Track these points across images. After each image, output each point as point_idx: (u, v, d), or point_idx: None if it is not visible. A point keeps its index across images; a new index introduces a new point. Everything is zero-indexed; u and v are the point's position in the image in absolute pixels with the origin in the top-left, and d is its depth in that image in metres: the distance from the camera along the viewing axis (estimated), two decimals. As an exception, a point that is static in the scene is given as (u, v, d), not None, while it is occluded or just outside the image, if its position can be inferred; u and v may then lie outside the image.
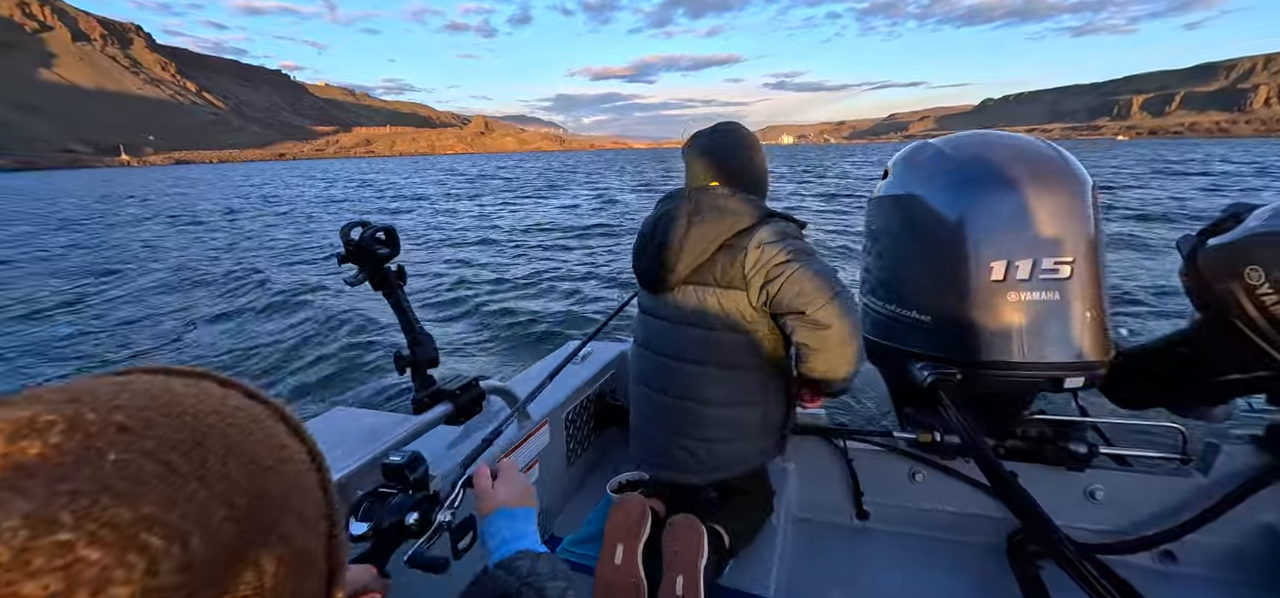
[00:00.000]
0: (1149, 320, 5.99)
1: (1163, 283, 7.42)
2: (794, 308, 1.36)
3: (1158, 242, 10.34)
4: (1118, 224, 13.17)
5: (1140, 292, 7.08)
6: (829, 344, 1.36)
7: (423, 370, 1.28)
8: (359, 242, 1.17)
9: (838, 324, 1.34)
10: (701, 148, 1.56)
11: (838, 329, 1.34)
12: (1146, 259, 8.95)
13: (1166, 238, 10.79)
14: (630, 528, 1.38)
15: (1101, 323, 1.47)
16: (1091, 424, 1.67)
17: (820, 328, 1.34)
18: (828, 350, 1.37)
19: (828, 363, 1.39)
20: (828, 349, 1.37)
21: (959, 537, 1.72)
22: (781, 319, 1.41)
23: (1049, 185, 1.46)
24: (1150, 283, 7.49)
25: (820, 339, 1.36)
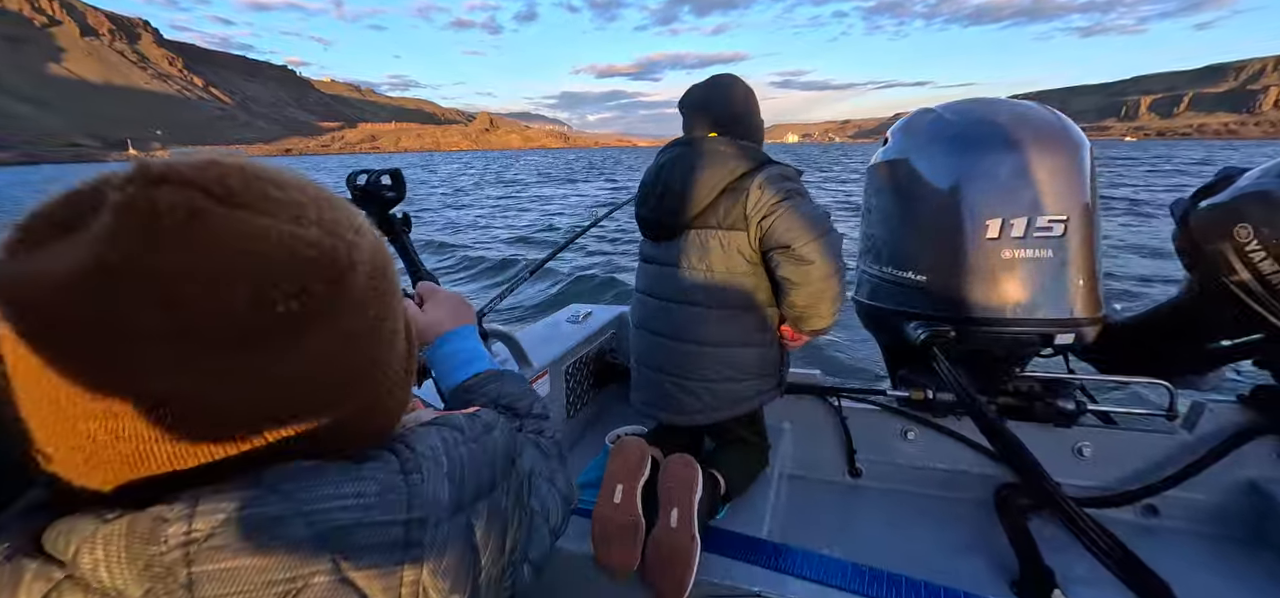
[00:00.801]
0: (1143, 297, 6.13)
1: (1157, 265, 7.44)
2: (781, 242, 1.40)
3: (1155, 216, 10.32)
4: (1119, 212, 13.27)
5: (1135, 270, 7.13)
6: (810, 280, 1.40)
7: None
8: (364, 187, 1.19)
9: (820, 262, 1.38)
10: (698, 99, 1.60)
11: (820, 266, 1.39)
12: (1143, 237, 9.00)
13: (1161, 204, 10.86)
14: (630, 469, 1.42)
15: (1093, 282, 1.50)
16: (1079, 383, 1.70)
17: (803, 264, 1.39)
18: (808, 286, 1.41)
19: (807, 298, 1.43)
20: (809, 284, 1.41)
21: (949, 493, 1.77)
22: (768, 253, 1.46)
23: (1046, 147, 1.49)
24: (1145, 261, 7.56)
25: (802, 274, 1.40)
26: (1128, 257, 8.72)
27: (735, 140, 1.52)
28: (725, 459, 1.60)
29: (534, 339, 1.82)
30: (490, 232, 14.32)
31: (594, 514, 1.37)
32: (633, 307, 1.74)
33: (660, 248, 1.61)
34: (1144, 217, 13.23)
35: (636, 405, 1.69)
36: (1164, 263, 8.28)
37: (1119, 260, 8.39)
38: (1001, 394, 1.67)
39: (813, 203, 1.46)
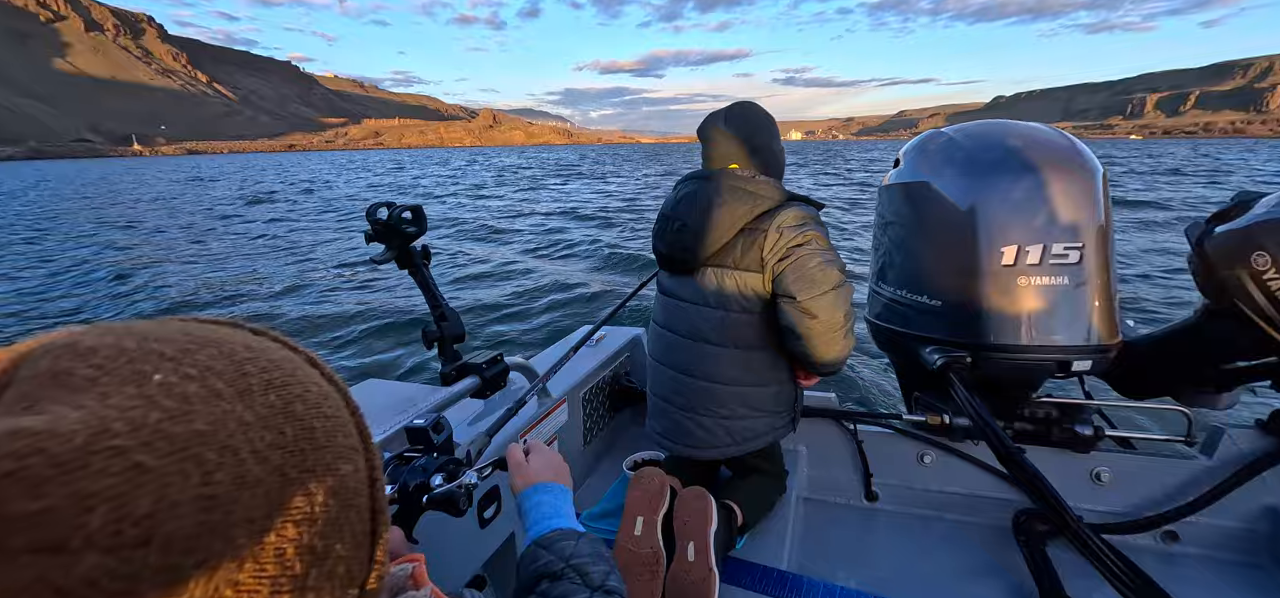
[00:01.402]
0: (1156, 312, 6.06)
1: (1170, 277, 7.43)
2: (789, 292, 1.40)
3: (1166, 233, 10.41)
4: (1127, 213, 13.75)
5: (1148, 284, 7.11)
6: (813, 333, 1.40)
7: (449, 345, 1.31)
8: (386, 221, 1.19)
9: (826, 316, 1.37)
10: (721, 128, 1.56)
11: (825, 321, 1.38)
12: (1155, 252, 9.02)
13: (1176, 222, 11.04)
14: (650, 501, 1.42)
15: (1110, 308, 1.50)
16: (1097, 407, 1.68)
17: (807, 316, 1.38)
18: (811, 339, 1.41)
19: (809, 349, 1.43)
20: (811, 338, 1.40)
21: (967, 517, 1.76)
22: (777, 298, 1.45)
23: (1060, 172, 1.48)
24: (1157, 275, 7.50)
25: (805, 327, 1.40)
26: (1138, 259, 8.72)
27: (755, 175, 1.50)
28: (742, 490, 1.60)
29: (549, 365, 1.81)
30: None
31: (616, 545, 1.37)
32: (650, 338, 1.74)
33: (677, 282, 1.60)
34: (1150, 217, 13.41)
35: (652, 436, 1.69)
36: (1168, 258, 8.32)
37: (1132, 264, 8.33)
38: (1018, 420, 1.66)
39: (829, 251, 1.44)
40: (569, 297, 7.51)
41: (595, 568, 0.72)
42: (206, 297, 8.25)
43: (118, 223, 17.71)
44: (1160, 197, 17.78)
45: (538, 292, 7.76)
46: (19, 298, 8.55)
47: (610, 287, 8.07)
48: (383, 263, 1.21)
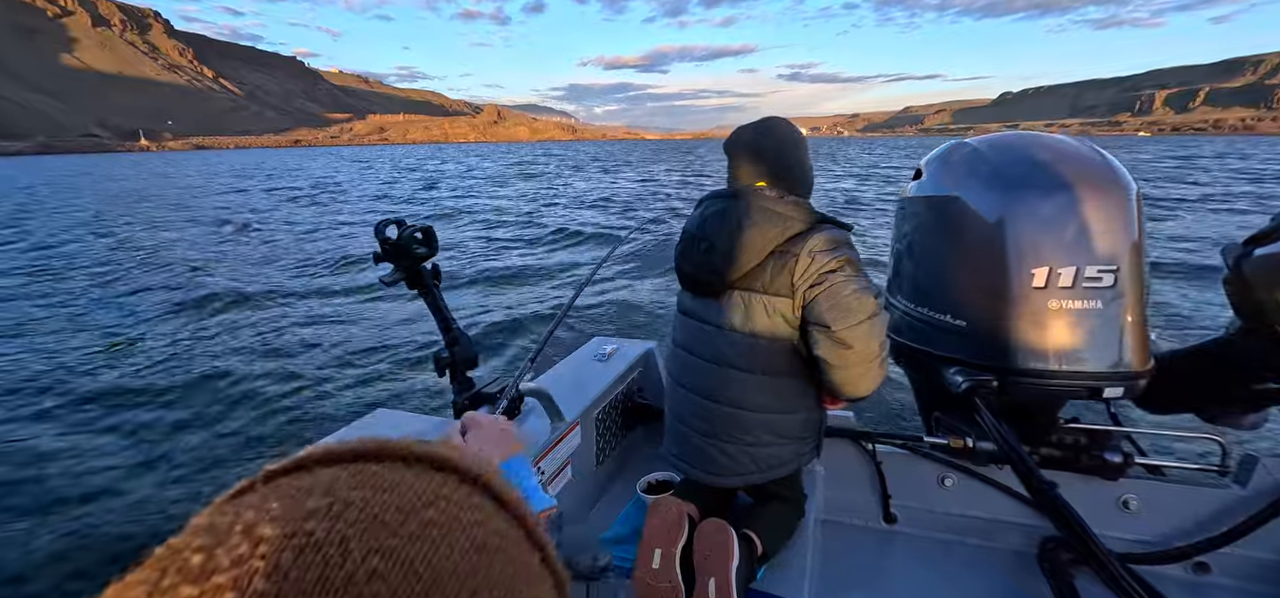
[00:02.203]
0: (1183, 328, 5.91)
1: (1199, 292, 7.29)
2: (821, 321, 1.35)
3: (1199, 249, 10.11)
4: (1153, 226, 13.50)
5: (1175, 298, 6.98)
6: (847, 363, 1.36)
7: (461, 371, 1.27)
8: (396, 241, 1.14)
9: (861, 347, 1.33)
10: (748, 145, 1.52)
11: (860, 351, 1.34)
12: (1187, 270, 8.80)
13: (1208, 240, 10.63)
14: (668, 533, 1.38)
15: (1143, 333, 1.45)
16: (1126, 433, 1.65)
17: (842, 347, 1.34)
18: (845, 369, 1.37)
19: (842, 380, 1.39)
20: (846, 368, 1.37)
21: (989, 543, 1.72)
22: (807, 326, 1.40)
23: (1094, 191, 1.43)
24: (1187, 290, 7.37)
25: (840, 357, 1.36)
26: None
27: (785, 195, 1.46)
28: (762, 518, 1.55)
29: (562, 386, 1.79)
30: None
31: (634, 579, 1.34)
32: (669, 359, 1.70)
33: (701, 304, 1.55)
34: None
35: (669, 459, 1.65)
36: (1205, 273, 8.01)
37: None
38: (1044, 444, 1.62)
39: (863, 277, 1.40)
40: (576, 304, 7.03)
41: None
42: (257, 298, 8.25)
43: (172, 222, 17.97)
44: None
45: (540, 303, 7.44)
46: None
47: (623, 294, 7.71)
48: (392, 284, 1.17)
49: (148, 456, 3.87)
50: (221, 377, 5.20)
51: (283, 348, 6.13)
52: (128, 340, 6.37)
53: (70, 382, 5.21)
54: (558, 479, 1.65)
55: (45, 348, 6.25)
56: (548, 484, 1.56)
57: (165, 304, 8.02)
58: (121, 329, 6.98)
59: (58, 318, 7.54)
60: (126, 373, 5.34)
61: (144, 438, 4.13)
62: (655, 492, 1.73)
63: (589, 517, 1.83)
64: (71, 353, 6.01)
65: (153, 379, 5.16)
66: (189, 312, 7.62)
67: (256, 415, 4.46)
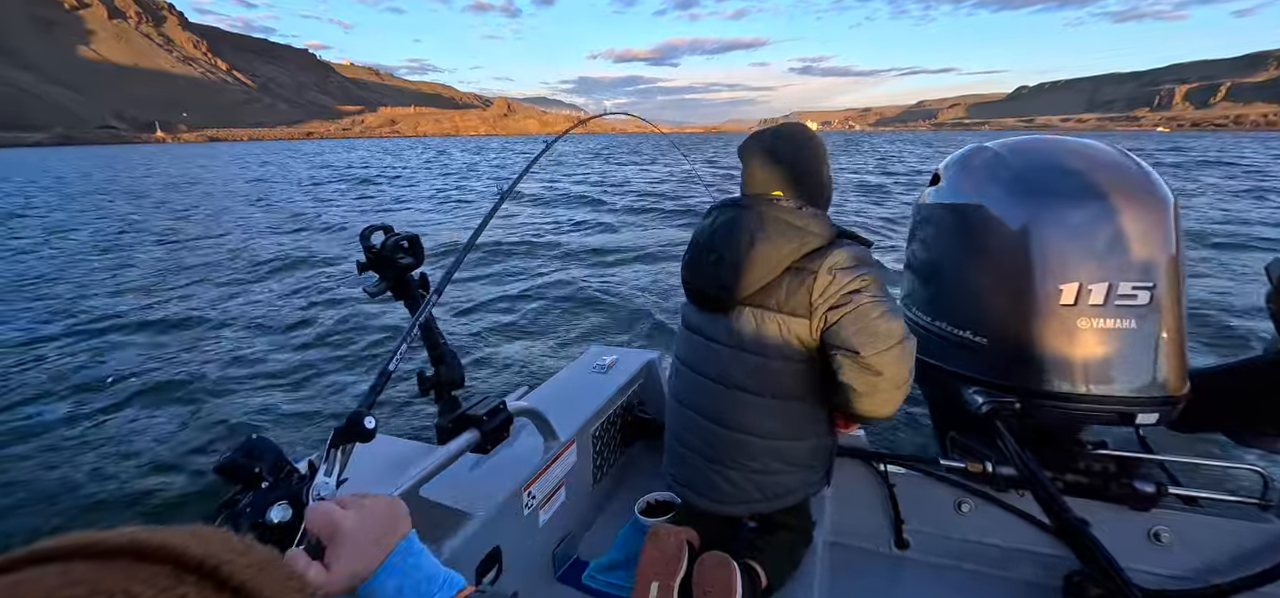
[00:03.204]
0: (1217, 345, 5.66)
1: (1235, 307, 6.89)
2: (849, 346, 1.25)
3: (1232, 263, 9.60)
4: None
5: (1208, 313, 6.67)
6: (877, 390, 1.27)
7: (446, 392, 1.20)
8: (380, 249, 1.09)
9: (891, 373, 1.25)
10: (765, 151, 1.41)
11: (890, 377, 1.26)
12: (1223, 282, 8.24)
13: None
14: (666, 564, 1.29)
15: (1180, 355, 1.36)
16: (1158, 462, 1.53)
17: (871, 373, 1.25)
18: (874, 396, 1.28)
19: (867, 407, 1.31)
20: (874, 395, 1.28)
21: (1008, 573, 1.62)
22: (831, 350, 1.30)
23: (1128, 201, 1.33)
24: (1222, 305, 7.00)
25: (868, 384, 1.27)
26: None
27: (802, 206, 1.36)
28: (767, 548, 1.45)
29: (557, 400, 1.72)
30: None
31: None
32: (671, 376, 1.60)
33: (707, 319, 1.45)
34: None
35: (670, 484, 1.56)
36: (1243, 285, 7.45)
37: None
38: (1070, 471, 1.53)
39: (888, 297, 1.31)
40: (575, 313, 6.82)
41: None
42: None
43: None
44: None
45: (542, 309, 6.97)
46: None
47: (622, 301, 7.31)
48: (376, 295, 1.13)
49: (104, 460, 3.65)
50: (186, 383, 4.94)
51: (252, 357, 5.64)
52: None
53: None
54: (550, 503, 1.58)
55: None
56: (541, 508, 1.51)
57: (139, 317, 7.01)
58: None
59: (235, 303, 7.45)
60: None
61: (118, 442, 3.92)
62: (654, 513, 1.65)
63: (584, 539, 1.75)
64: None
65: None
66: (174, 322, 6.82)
67: (222, 428, 4.16)
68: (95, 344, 5.84)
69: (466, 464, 1.38)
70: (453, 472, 1.11)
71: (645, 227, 13.45)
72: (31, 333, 6.09)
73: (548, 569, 1.58)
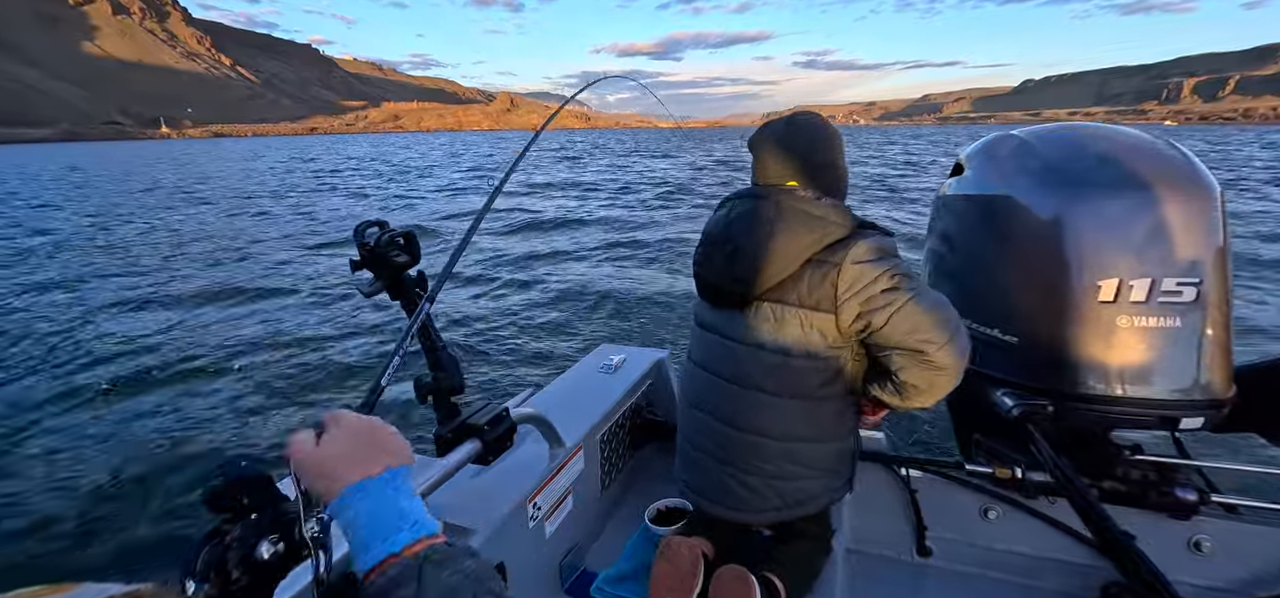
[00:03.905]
0: (1258, 337, 5.35)
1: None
2: (908, 345, 1.19)
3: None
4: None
5: (1251, 305, 6.27)
6: (937, 387, 1.21)
7: (446, 399, 1.14)
8: (373, 246, 1.05)
9: (954, 366, 1.18)
10: (778, 140, 1.34)
11: (952, 372, 1.19)
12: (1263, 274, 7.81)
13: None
14: (681, 581, 1.24)
15: (1227, 356, 1.28)
16: (1197, 468, 1.47)
17: (935, 369, 1.18)
18: (934, 392, 1.22)
19: (926, 400, 1.24)
20: (935, 390, 1.22)
21: (1038, 583, 1.55)
22: (886, 352, 1.22)
23: (1171, 191, 1.24)
24: (1266, 300, 6.64)
25: (930, 380, 1.20)
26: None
27: (820, 196, 1.29)
28: (785, 558, 1.37)
29: (563, 403, 1.66)
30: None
31: None
32: (683, 376, 1.52)
33: (722, 316, 1.37)
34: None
35: (681, 490, 1.48)
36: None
37: None
38: (1108, 478, 1.44)
39: (928, 288, 1.23)
40: (580, 312, 6.64)
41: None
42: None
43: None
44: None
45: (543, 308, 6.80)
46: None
47: (629, 298, 7.10)
48: (372, 294, 1.08)
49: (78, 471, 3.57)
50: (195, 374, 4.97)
51: (248, 364, 5.51)
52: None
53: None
54: (556, 513, 1.52)
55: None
56: (546, 519, 1.45)
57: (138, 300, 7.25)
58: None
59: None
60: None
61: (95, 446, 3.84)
62: (665, 521, 1.57)
63: (592, 549, 1.70)
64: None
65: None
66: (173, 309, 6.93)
67: (220, 437, 4.06)
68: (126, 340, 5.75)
69: (467, 476, 1.30)
70: (453, 484, 1.06)
71: (657, 222, 13.41)
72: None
73: (555, 581, 1.53)
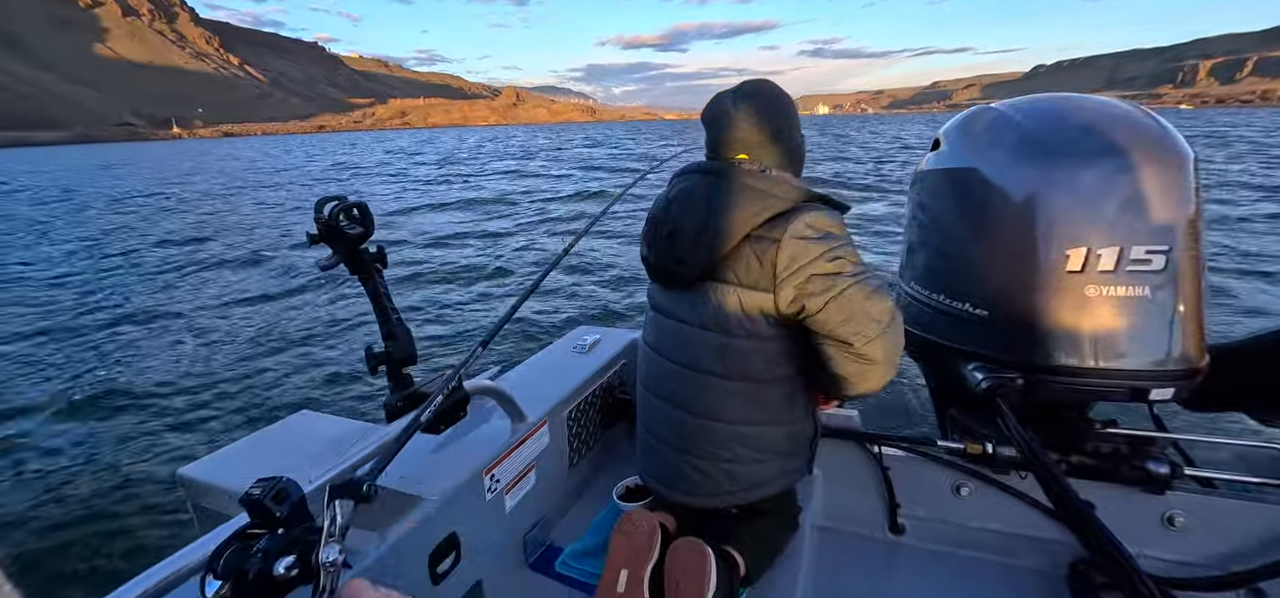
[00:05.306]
0: (1238, 315, 5.32)
1: (1259, 273, 6.54)
2: (838, 335, 1.15)
3: (1256, 225, 9.07)
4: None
5: (1230, 283, 6.27)
6: (867, 379, 1.19)
7: (398, 369, 1.15)
8: (329, 219, 1.06)
9: (886, 356, 1.16)
10: (726, 112, 1.29)
11: (883, 366, 1.17)
12: (1240, 246, 7.89)
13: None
14: (636, 551, 1.22)
15: (1199, 325, 1.26)
16: (1173, 441, 1.46)
17: (865, 362, 1.16)
18: (863, 383, 1.20)
19: (859, 390, 1.22)
20: (864, 382, 1.19)
21: (1010, 560, 1.54)
22: (818, 339, 1.20)
23: (1142, 158, 1.23)
24: (1243, 274, 6.61)
25: (860, 372, 1.17)
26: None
27: (769, 170, 1.24)
28: (746, 534, 1.35)
29: (533, 379, 1.66)
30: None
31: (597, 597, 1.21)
32: (640, 361, 1.48)
33: (670, 297, 1.34)
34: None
35: (642, 476, 1.47)
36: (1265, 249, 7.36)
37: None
38: (1077, 452, 1.45)
39: (870, 273, 1.20)
40: (563, 297, 6.74)
41: None
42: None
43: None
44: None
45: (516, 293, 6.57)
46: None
47: (610, 281, 7.16)
48: (329, 268, 1.09)
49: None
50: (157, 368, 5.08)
51: (201, 332, 5.94)
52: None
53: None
54: (517, 488, 1.51)
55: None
56: (506, 492, 1.47)
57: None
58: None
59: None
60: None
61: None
62: (633, 498, 1.56)
63: (559, 525, 1.69)
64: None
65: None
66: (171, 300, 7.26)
67: (174, 417, 4.17)
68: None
69: (423, 446, 1.32)
70: (406, 453, 1.05)
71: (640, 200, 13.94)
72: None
73: (518, 556, 1.52)
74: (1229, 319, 5.13)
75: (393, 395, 1.13)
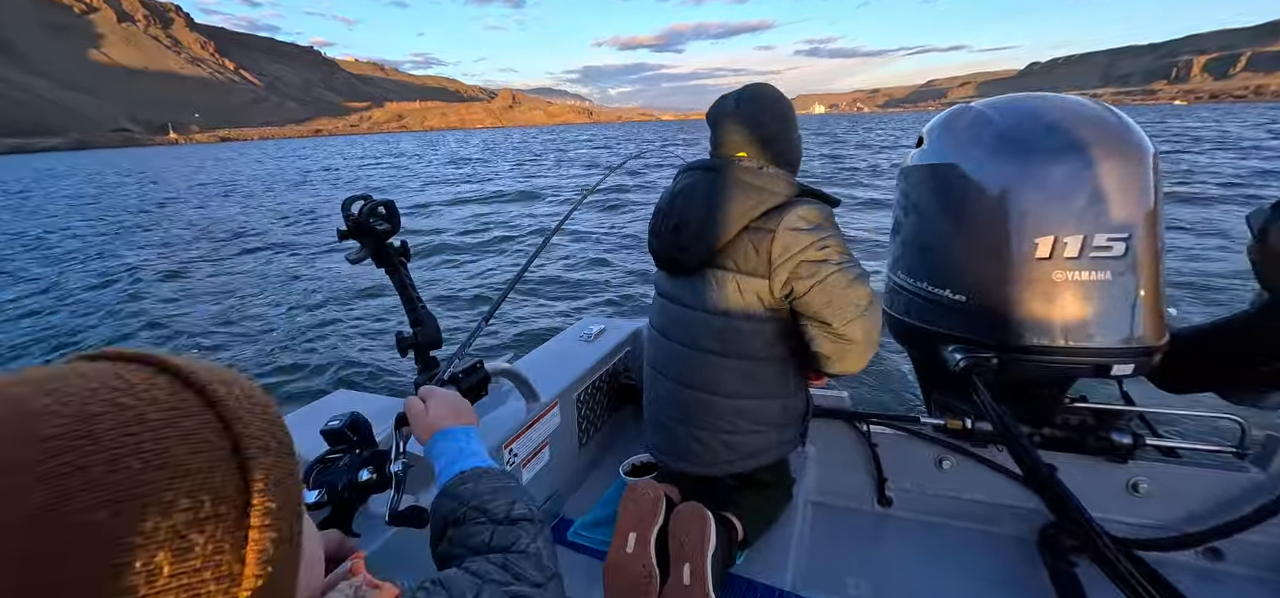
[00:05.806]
0: (1202, 301, 5.70)
1: (1222, 262, 6.91)
2: (820, 316, 1.29)
3: (1219, 216, 9.56)
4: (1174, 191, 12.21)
5: (1195, 271, 6.65)
6: (846, 358, 1.32)
7: (425, 352, 1.25)
8: (358, 217, 1.15)
9: (863, 338, 1.29)
10: (729, 113, 1.42)
11: (861, 346, 1.30)
12: (1206, 235, 8.38)
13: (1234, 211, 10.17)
14: (643, 516, 1.33)
15: (1157, 306, 1.36)
16: (1137, 413, 1.57)
17: (843, 342, 1.29)
18: (843, 362, 1.33)
19: (842, 368, 1.36)
20: (844, 361, 1.33)
21: (988, 528, 1.66)
22: (803, 320, 1.35)
23: (1105, 153, 1.33)
24: (1208, 260, 7.03)
25: (839, 351, 1.31)
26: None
27: (766, 167, 1.37)
28: (744, 502, 1.49)
29: (544, 366, 1.77)
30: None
31: (607, 564, 1.30)
32: (647, 343, 1.63)
33: (675, 284, 1.49)
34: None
35: (649, 449, 1.61)
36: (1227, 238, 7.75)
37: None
38: (1049, 425, 1.56)
39: (853, 262, 1.32)
40: (570, 289, 7.25)
41: (497, 502, 0.71)
42: None
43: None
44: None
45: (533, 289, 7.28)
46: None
47: (614, 275, 7.60)
48: (358, 261, 1.18)
49: None
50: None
51: (247, 323, 6.58)
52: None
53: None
54: (534, 461, 1.63)
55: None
56: (523, 465, 1.57)
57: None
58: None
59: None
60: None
61: None
62: (640, 473, 1.70)
63: (571, 499, 1.81)
64: None
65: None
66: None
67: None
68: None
69: None
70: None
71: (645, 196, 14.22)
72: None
73: None
74: (1204, 309, 5.41)
75: (420, 375, 1.22)
